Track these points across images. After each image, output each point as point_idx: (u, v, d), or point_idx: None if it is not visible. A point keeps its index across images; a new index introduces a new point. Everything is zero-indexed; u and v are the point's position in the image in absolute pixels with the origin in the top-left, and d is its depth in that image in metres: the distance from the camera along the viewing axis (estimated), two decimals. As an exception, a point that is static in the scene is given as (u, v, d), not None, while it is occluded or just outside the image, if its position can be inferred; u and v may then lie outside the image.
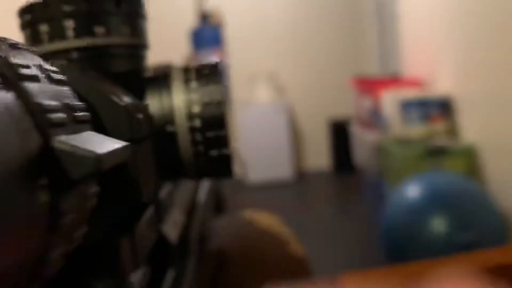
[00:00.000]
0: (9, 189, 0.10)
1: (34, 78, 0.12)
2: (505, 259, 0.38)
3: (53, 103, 0.12)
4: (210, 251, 0.33)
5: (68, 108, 0.13)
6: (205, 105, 0.22)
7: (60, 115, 0.12)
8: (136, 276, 0.22)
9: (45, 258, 0.12)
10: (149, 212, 0.22)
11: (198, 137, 0.22)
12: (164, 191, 0.25)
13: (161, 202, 0.24)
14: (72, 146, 0.11)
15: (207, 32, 2.89)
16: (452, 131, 1.97)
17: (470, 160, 1.76)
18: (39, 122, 0.11)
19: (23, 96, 0.11)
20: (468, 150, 1.77)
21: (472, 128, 1.87)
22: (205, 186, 0.38)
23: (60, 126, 0.12)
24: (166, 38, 2.69)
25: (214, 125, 0.22)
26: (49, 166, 0.11)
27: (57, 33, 0.22)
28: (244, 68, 3.33)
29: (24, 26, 0.23)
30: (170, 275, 0.25)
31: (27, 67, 0.12)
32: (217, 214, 0.42)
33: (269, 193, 3.02)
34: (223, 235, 0.35)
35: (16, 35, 0.24)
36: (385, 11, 3.07)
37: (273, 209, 0.40)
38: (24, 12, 0.23)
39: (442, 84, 2.11)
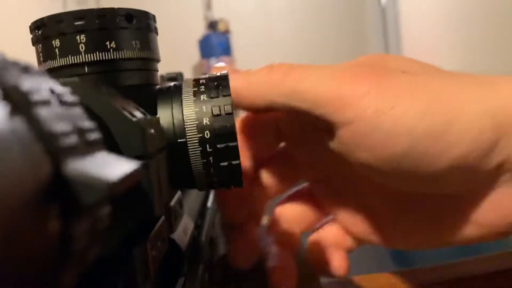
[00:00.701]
0: (18, 218, 0.10)
1: (45, 103, 0.12)
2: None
3: (64, 127, 0.12)
4: (218, 256, 0.33)
5: (79, 130, 0.13)
6: (215, 117, 0.23)
7: (72, 139, 0.12)
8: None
9: (56, 285, 0.12)
10: (160, 223, 0.22)
11: (209, 148, 0.22)
12: (174, 199, 0.25)
13: (171, 210, 0.24)
14: (83, 172, 0.11)
15: (215, 41, 2.89)
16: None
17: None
18: (50, 148, 0.11)
19: (33, 123, 0.11)
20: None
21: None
22: (213, 193, 0.38)
23: (72, 149, 0.12)
24: (175, 47, 2.70)
25: (224, 136, 0.23)
26: (60, 193, 0.11)
27: (69, 48, 0.22)
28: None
29: (36, 41, 0.23)
30: (180, 283, 0.26)
31: (38, 92, 0.12)
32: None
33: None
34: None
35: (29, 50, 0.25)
36: (389, 17, 3.08)
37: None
38: (36, 27, 0.23)
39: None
